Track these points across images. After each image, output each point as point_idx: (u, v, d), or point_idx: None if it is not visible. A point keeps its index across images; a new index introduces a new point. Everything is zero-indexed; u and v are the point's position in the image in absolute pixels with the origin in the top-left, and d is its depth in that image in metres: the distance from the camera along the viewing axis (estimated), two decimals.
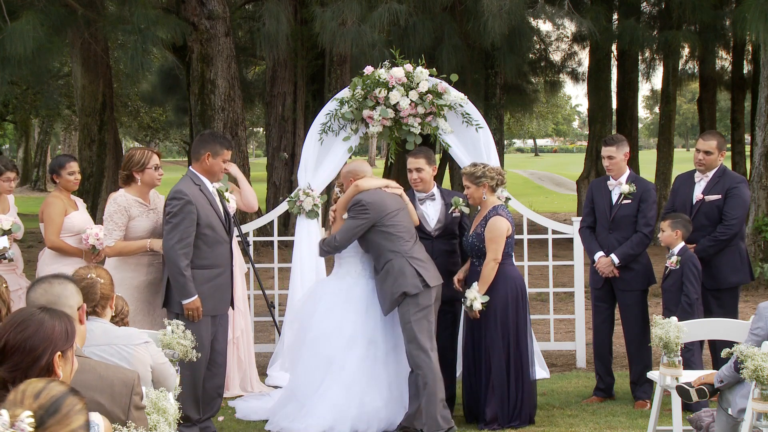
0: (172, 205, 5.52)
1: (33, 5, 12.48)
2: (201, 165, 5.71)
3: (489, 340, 5.99)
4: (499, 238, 5.98)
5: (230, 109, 14.35)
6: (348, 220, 5.88)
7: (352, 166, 6.20)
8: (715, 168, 6.59)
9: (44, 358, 2.69)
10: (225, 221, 5.74)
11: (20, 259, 6.74)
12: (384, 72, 6.96)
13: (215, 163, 5.70)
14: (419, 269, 5.77)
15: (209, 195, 5.67)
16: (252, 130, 39.75)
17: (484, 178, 6.12)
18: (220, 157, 5.70)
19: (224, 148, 5.73)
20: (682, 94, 39.67)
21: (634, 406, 6.53)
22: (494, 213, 6.04)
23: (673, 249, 6.31)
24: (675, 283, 6.26)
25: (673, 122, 18.98)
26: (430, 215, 6.33)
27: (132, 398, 3.20)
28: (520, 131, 51.11)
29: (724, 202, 6.49)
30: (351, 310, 5.98)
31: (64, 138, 41.14)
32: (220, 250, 5.66)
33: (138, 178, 5.95)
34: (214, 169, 5.72)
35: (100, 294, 4.08)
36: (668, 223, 6.30)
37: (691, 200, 6.62)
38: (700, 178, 6.64)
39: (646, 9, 18.32)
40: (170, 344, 4.69)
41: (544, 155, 74.84)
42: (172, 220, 5.49)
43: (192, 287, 5.47)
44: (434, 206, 6.35)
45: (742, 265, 6.59)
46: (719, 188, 6.53)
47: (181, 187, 5.59)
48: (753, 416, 4.40)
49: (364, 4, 12.57)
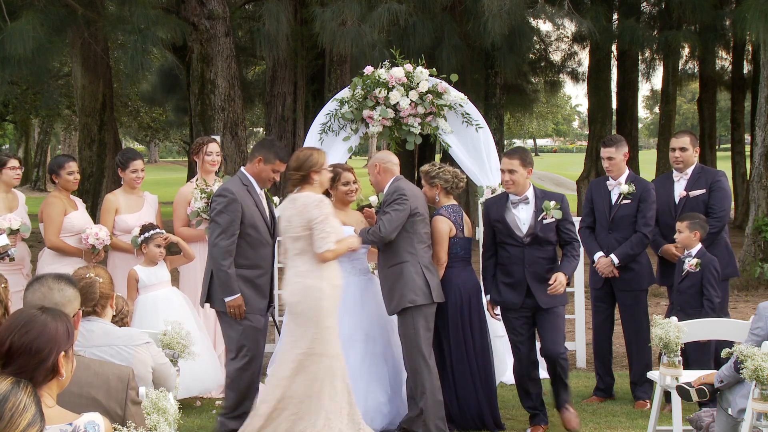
0: (218, 202, 5.53)
1: (33, 5, 12.49)
2: (252, 167, 5.68)
3: (447, 349, 5.99)
4: (440, 238, 5.97)
5: (230, 109, 14.35)
6: (392, 210, 5.75)
7: (381, 155, 6.12)
8: (692, 165, 6.66)
9: (50, 359, 2.72)
10: (270, 224, 5.72)
11: (27, 259, 6.73)
12: (384, 72, 6.96)
13: (264, 169, 5.64)
14: (430, 281, 5.76)
15: (256, 196, 5.65)
16: (252, 130, 39.70)
17: (437, 179, 6.12)
18: (270, 165, 5.64)
19: (277, 159, 5.66)
20: (682, 94, 39.69)
21: (634, 406, 6.53)
22: (436, 213, 6.05)
23: (690, 250, 6.27)
24: (694, 286, 6.20)
25: (673, 122, 19.01)
26: (521, 219, 5.94)
27: (128, 393, 3.22)
28: (520, 131, 51.12)
29: (708, 196, 6.54)
30: (347, 309, 5.98)
31: (64, 138, 41.14)
32: (262, 252, 5.64)
33: (315, 179, 5.60)
34: (262, 175, 5.66)
35: (99, 293, 4.08)
36: (686, 224, 6.25)
37: (673, 199, 6.66)
38: (679, 177, 6.69)
39: (646, 9, 18.33)
40: (170, 344, 4.69)
41: (544, 155, 74.82)
42: (217, 218, 5.51)
43: (235, 285, 5.47)
44: (527, 210, 5.95)
45: (730, 258, 6.65)
46: (702, 183, 6.59)
47: (229, 185, 5.62)
48: (753, 416, 4.40)
49: (364, 4, 12.58)
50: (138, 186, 6.92)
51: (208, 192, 6.78)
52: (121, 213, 6.79)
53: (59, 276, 3.37)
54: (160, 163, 60.51)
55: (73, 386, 3.11)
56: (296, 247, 5.42)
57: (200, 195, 6.79)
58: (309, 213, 5.34)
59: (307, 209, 5.36)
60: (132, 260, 6.71)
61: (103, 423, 2.80)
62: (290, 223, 5.42)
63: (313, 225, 5.33)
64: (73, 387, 3.11)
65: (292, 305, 5.42)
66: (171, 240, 6.70)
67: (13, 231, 6.42)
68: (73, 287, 3.33)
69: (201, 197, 6.78)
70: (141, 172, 6.89)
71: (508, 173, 5.88)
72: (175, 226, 6.98)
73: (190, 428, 6.13)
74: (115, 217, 6.77)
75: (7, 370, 2.64)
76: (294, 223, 5.40)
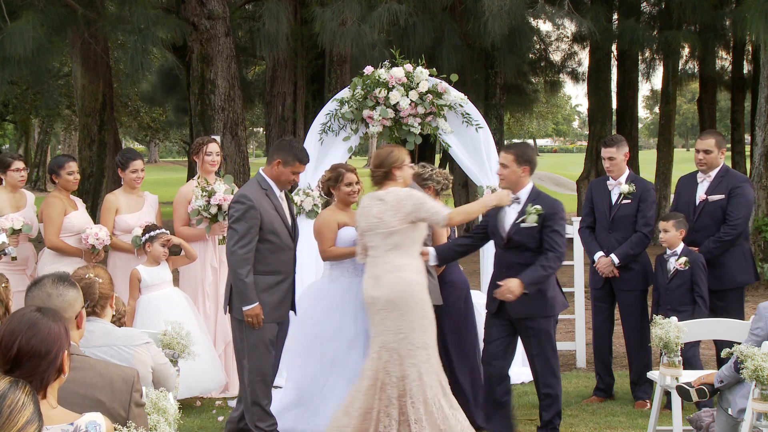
0: (235, 209, 5.41)
1: (33, 5, 12.49)
2: (271, 170, 5.55)
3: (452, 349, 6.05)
4: (439, 240, 6.02)
5: (230, 109, 14.35)
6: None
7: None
8: (717, 167, 6.57)
9: (59, 358, 2.75)
10: (291, 228, 5.61)
11: (32, 260, 6.73)
12: (384, 72, 6.96)
13: (284, 172, 5.52)
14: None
15: (275, 200, 5.53)
16: (252, 130, 39.76)
17: (430, 181, 6.13)
18: (290, 167, 5.52)
19: (297, 160, 5.52)
20: (682, 94, 39.66)
21: (634, 405, 6.53)
22: None
23: (675, 249, 6.29)
24: (684, 284, 6.23)
25: (673, 122, 18.98)
26: (508, 220, 5.56)
27: (132, 395, 3.21)
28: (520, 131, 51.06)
29: (727, 202, 6.46)
30: (349, 311, 5.98)
31: (64, 138, 41.15)
32: (283, 257, 5.55)
33: (398, 175, 5.56)
34: (281, 178, 5.54)
35: (99, 293, 4.08)
36: (672, 223, 6.28)
37: (695, 201, 6.60)
38: (703, 179, 6.62)
39: (646, 9, 18.31)
40: (170, 344, 4.69)
41: (544, 155, 74.80)
42: (234, 225, 5.38)
43: (253, 294, 5.35)
44: (514, 211, 5.56)
45: (747, 264, 6.57)
46: (722, 188, 6.50)
47: (246, 191, 5.47)
48: (753, 416, 4.40)
49: (364, 4, 12.57)
50: (138, 186, 6.92)
51: (209, 190, 6.78)
52: (121, 213, 6.79)
53: (57, 279, 3.34)
54: (160, 163, 60.50)
55: (77, 387, 3.11)
56: (390, 242, 5.34)
57: (201, 193, 6.79)
58: (406, 206, 5.31)
59: (402, 203, 5.33)
60: (132, 260, 6.72)
61: (104, 423, 2.80)
62: (381, 220, 5.35)
63: (418, 211, 5.27)
64: (77, 387, 3.11)
65: (393, 300, 5.29)
66: (173, 242, 6.70)
67: (15, 231, 6.42)
68: (73, 288, 3.32)
69: (202, 196, 6.78)
70: (141, 172, 6.89)
71: (501, 166, 5.60)
72: (175, 226, 6.98)
73: (190, 428, 6.13)
74: (115, 217, 6.78)
75: (15, 374, 2.65)
76: (387, 219, 5.33)
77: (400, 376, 5.26)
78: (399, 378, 5.26)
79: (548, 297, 5.46)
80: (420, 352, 5.28)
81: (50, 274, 3.40)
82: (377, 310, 5.35)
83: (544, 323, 5.48)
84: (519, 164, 5.48)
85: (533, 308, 5.42)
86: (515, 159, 5.49)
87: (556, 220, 5.45)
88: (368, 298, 5.40)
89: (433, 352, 5.35)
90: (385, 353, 5.31)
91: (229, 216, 5.51)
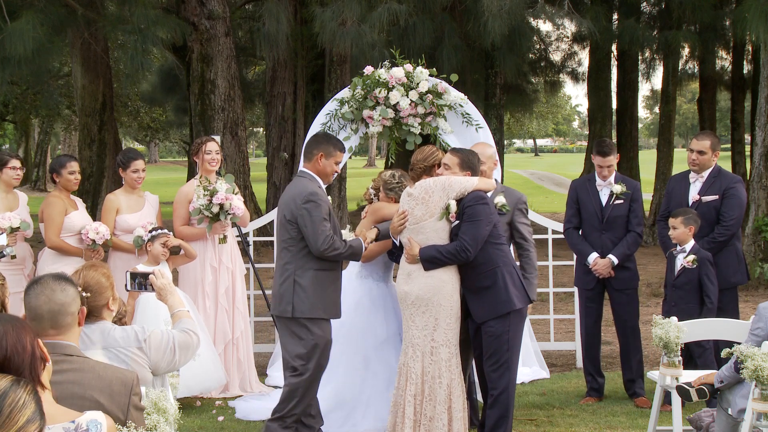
0: (316, 208, 5.34)
1: (33, 5, 12.49)
2: (314, 165, 5.52)
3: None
4: None
5: (230, 109, 14.36)
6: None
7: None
8: (710, 168, 6.58)
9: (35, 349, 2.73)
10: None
11: (29, 259, 6.74)
12: (384, 72, 6.96)
13: (328, 164, 5.51)
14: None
15: (325, 195, 5.56)
16: (252, 130, 39.77)
17: (397, 191, 6.04)
18: (332, 158, 5.52)
19: (337, 150, 5.55)
20: (682, 94, 39.69)
21: (635, 403, 6.53)
22: None
23: (684, 246, 6.28)
24: (691, 282, 6.22)
25: (673, 122, 18.95)
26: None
27: (131, 398, 3.20)
28: (520, 131, 51.09)
29: (721, 203, 6.47)
30: (378, 311, 6.03)
31: (64, 138, 41.13)
32: None
33: (436, 173, 5.66)
34: (326, 170, 5.52)
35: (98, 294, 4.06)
36: (681, 219, 6.25)
37: (687, 201, 6.60)
38: (695, 179, 6.62)
39: (646, 9, 18.30)
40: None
41: (544, 155, 74.84)
42: (321, 225, 5.32)
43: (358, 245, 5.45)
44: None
45: (740, 265, 6.61)
46: (716, 189, 6.51)
47: (313, 189, 5.41)
48: (753, 416, 4.40)
49: (364, 4, 12.57)
50: (139, 186, 6.93)
51: (211, 190, 6.78)
52: (122, 213, 6.79)
53: (58, 276, 3.35)
54: (160, 163, 60.51)
55: (76, 388, 3.11)
56: (420, 239, 5.32)
57: (203, 193, 6.79)
58: (435, 192, 5.30)
59: (429, 191, 5.31)
60: (133, 260, 6.72)
61: (105, 421, 2.80)
62: (411, 215, 5.36)
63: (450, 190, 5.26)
64: (76, 388, 3.11)
65: (422, 297, 5.28)
66: (173, 243, 6.70)
67: (13, 229, 6.43)
68: (72, 286, 3.33)
69: (204, 195, 6.78)
70: (142, 172, 6.90)
71: (444, 166, 5.57)
72: (174, 225, 6.98)
73: (190, 428, 6.13)
74: (116, 217, 6.78)
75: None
76: (417, 213, 5.32)
77: (419, 373, 5.28)
78: (418, 375, 5.29)
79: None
80: (442, 350, 5.29)
81: (49, 273, 3.41)
82: (407, 305, 5.37)
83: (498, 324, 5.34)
84: (462, 169, 5.44)
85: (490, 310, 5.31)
86: (460, 163, 5.46)
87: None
88: (401, 293, 5.43)
89: (455, 350, 5.33)
90: (410, 349, 5.34)
91: (311, 216, 5.34)
